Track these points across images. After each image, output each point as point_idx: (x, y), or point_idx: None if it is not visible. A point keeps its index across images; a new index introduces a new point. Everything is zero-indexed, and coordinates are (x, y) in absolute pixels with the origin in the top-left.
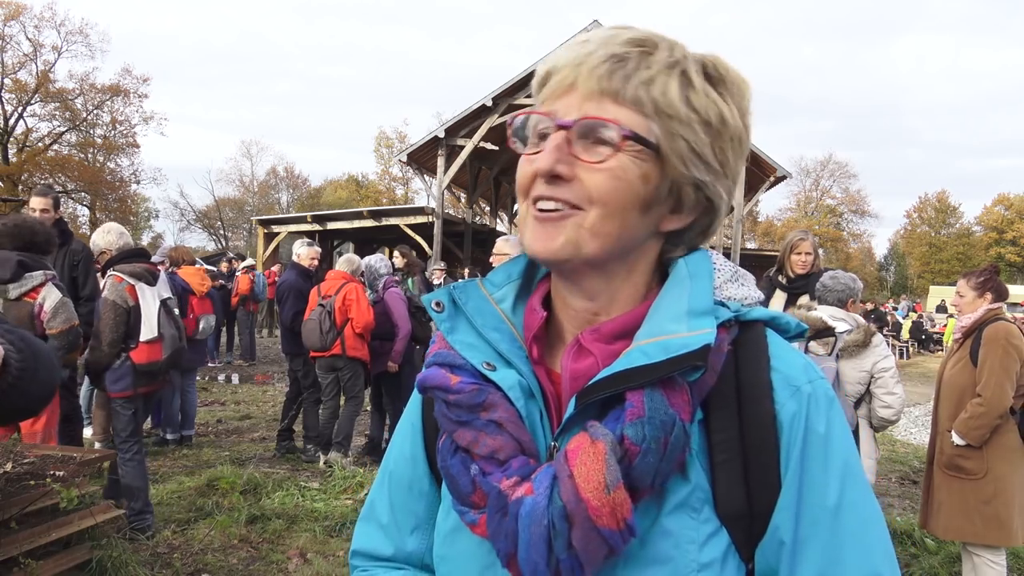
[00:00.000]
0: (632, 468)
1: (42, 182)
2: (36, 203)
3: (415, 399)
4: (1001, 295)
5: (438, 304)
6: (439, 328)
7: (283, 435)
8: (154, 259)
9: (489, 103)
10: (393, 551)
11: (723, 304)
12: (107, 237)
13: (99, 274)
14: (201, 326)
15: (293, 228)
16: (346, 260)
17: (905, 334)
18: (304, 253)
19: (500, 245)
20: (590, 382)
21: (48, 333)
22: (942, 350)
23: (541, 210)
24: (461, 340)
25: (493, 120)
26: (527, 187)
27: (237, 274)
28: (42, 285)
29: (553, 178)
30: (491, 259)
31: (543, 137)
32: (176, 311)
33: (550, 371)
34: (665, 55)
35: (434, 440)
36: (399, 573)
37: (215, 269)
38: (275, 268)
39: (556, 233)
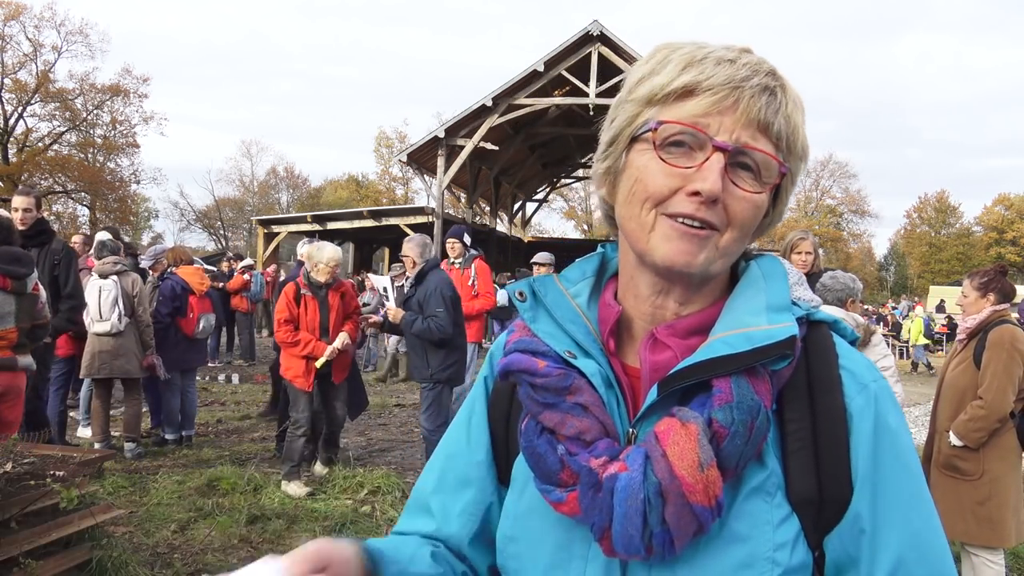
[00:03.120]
0: (720, 450)
1: (42, 182)
2: (18, 202)
3: (478, 391)
4: (1006, 296)
5: (521, 294)
6: (522, 316)
7: (283, 436)
8: (143, 261)
9: (489, 103)
10: (434, 531)
11: (795, 304)
12: None
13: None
14: (201, 325)
15: (293, 228)
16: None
17: (905, 334)
18: (307, 252)
19: (405, 249)
20: (673, 370)
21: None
22: (942, 350)
23: (685, 223)
24: (543, 329)
25: (493, 120)
26: (664, 198)
27: (236, 274)
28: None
29: (712, 201)
30: (401, 256)
31: (678, 145)
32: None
33: (624, 364)
34: (793, 91)
35: (502, 427)
36: (411, 537)
37: (214, 269)
38: (271, 268)
39: (700, 249)
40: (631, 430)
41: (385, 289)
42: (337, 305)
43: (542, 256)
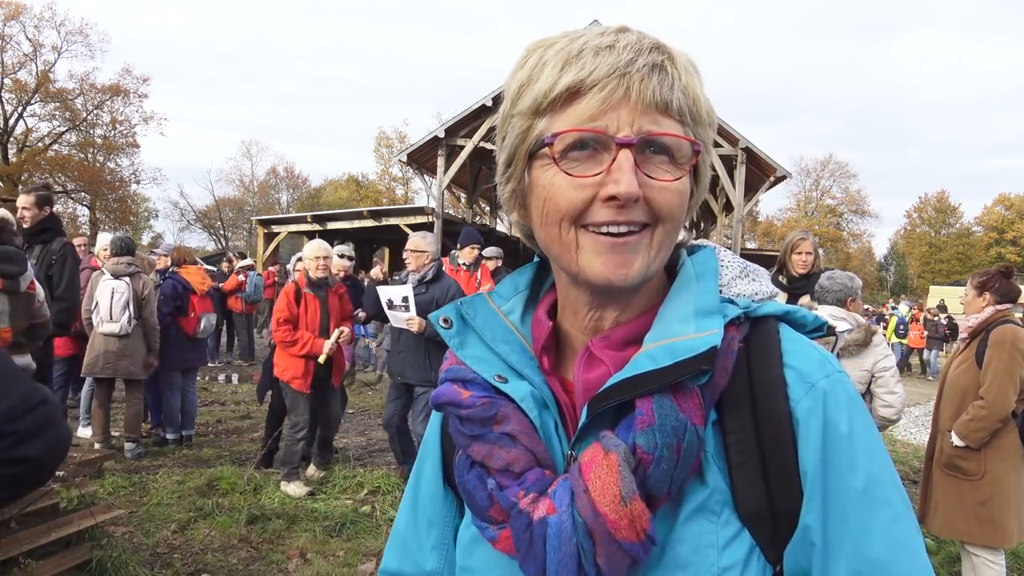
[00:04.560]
0: (647, 477)
1: (42, 182)
2: (19, 201)
3: (434, 419)
4: (1006, 296)
5: (446, 320)
6: (449, 344)
7: (275, 441)
8: (155, 251)
9: (489, 103)
10: (413, 570)
11: (731, 302)
12: None
13: None
14: (202, 324)
15: (293, 228)
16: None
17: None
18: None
19: (417, 242)
20: (601, 390)
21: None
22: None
23: (611, 234)
24: (471, 355)
25: (493, 120)
26: (580, 212)
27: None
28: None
29: (632, 201)
30: (404, 255)
31: (580, 148)
32: None
33: (564, 380)
34: (682, 58)
35: (451, 459)
36: None
37: (214, 269)
38: (273, 268)
39: (632, 258)
40: (571, 452)
41: (405, 299)
42: (336, 308)
43: (489, 250)
